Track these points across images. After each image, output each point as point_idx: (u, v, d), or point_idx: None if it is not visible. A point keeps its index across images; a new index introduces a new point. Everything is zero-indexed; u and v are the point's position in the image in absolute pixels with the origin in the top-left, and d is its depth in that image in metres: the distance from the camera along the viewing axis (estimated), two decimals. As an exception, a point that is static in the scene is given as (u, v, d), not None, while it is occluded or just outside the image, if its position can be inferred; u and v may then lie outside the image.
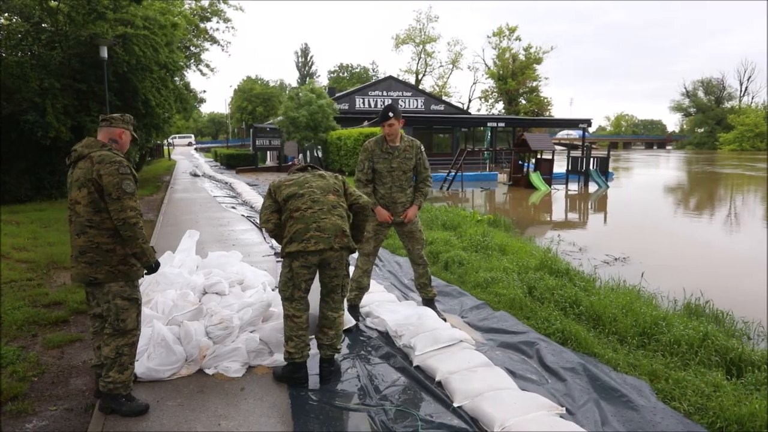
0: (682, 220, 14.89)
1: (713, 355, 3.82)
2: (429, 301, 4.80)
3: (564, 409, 3.11)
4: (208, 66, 24.31)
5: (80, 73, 14.63)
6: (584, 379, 3.51)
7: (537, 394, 3.21)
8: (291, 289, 3.46)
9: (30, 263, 6.56)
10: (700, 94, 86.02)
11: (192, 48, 23.72)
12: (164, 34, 16.00)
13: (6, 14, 14.61)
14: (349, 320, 4.32)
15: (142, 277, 3.35)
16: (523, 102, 58.28)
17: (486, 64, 61.25)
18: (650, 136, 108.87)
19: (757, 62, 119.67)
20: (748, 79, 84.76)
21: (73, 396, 3.37)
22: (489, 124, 30.81)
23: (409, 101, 34.99)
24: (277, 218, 3.56)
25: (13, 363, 3.71)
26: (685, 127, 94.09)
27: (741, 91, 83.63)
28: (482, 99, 62.59)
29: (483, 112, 59.80)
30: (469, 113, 46.67)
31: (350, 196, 3.72)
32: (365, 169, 4.59)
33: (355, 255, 4.38)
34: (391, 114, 4.43)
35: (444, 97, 50.37)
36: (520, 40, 58.68)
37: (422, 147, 4.73)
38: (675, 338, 4.05)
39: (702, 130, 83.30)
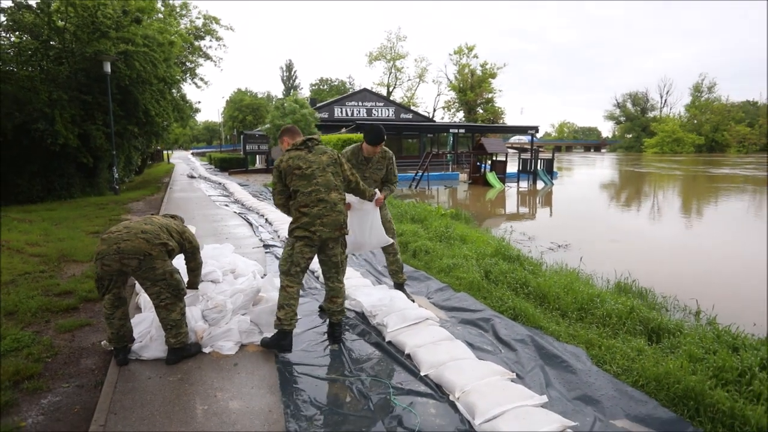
0: (614, 212, 15.22)
1: (638, 325, 3.92)
2: (399, 286, 4.80)
3: (514, 374, 3.17)
4: (202, 79, 23.86)
5: (86, 85, 14.23)
6: (532, 348, 3.57)
7: (492, 363, 3.26)
8: (289, 264, 3.51)
9: (42, 257, 6.35)
10: (629, 105, 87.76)
11: (188, 63, 23.21)
12: (162, 51, 15.63)
13: (17, 33, 14.10)
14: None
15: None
16: (481, 111, 58.52)
17: (448, 78, 61.39)
18: (588, 141, 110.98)
19: (674, 79, 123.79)
20: (666, 93, 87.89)
21: (83, 374, 3.30)
22: (451, 131, 30.91)
23: (381, 110, 34.88)
24: (287, 202, 3.62)
25: (29, 346, 3.61)
26: (616, 133, 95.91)
27: (661, 102, 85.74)
28: (445, 108, 62.72)
29: (446, 120, 59.94)
30: (434, 121, 46.74)
31: (350, 183, 3.77)
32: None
33: None
34: (384, 137, 4.26)
35: (412, 107, 50.24)
36: (477, 57, 59.07)
37: (393, 157, 4.56)
38: (607, 312, 4.14)
39: (630, 135, 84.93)
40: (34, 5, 13.19)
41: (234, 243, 6.72)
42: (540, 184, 22.32)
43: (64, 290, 4.98)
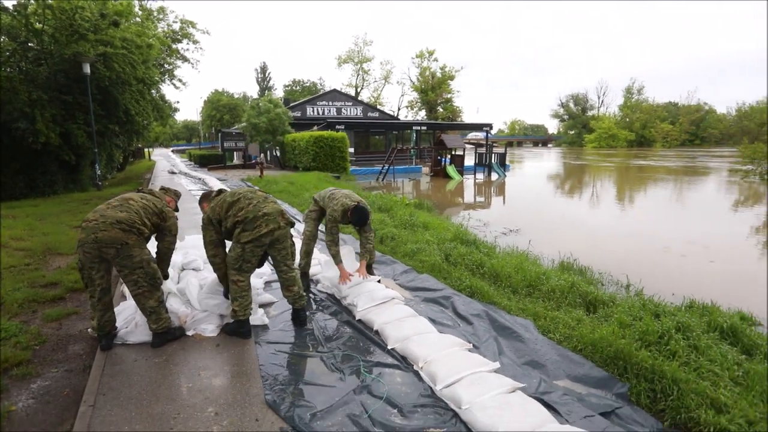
0: (559, 200, 15.65)
1: (578, 298, 4.06)
2: (368, 266, 4.83)
3: (471, 345, 3.26)
4: (180, 80, 22.90)
5: (66, 86, 13.50)
6: (486, 322, 3.66)
7: (451, 336, 3.33)
8: (241, 262, 3.39)
9: (27, 251, 6.06)
10: (571, 105, 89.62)
11: (166, 65, 22.29)
12: (141, 53, 14.94)
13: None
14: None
15: None
16: (441, 110, 58.59)
17: (411, 80, 61.08)
18: (536, 137, 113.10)
19: (609, 82, 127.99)
20: (603, 94, 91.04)
21: (72, 359, 3.20)
22: (414, 128, 30.95)
23: (350, 110, 34.57)
24: (222, 253, 3.54)
25: (16, 335, 3.46)
26: (561, 129, 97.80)
27: (599, 103, 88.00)
28: (409, 107, 62.44)
29: (409, 118, 59.73)
30: (399, 119, 46.52)
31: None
32: (336, 235, 4.32)
33: (300, 227, 4.35)
34: (367, 218, 4.31)
35: (378, 106, 49.84)
36: (437, 60, 59.15)
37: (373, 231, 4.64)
38: (552, 288, 4.26)
39: (573, 132, 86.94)
40: (11, 7, 12.41)
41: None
42: (494, 176, 22.67)
43: (50, 281, 4.78)
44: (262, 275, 4.64)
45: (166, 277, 3.67)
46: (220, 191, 3.67)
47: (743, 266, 6.83)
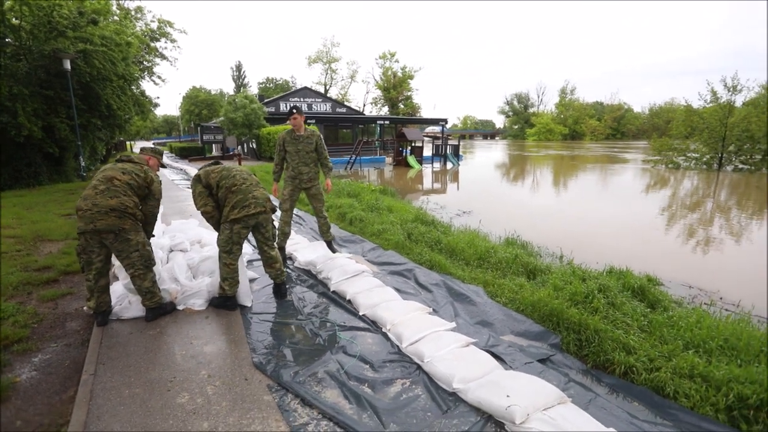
0: (505, 186, 16.09)
1: (520, 267, 4.26)
2: (329, 243, 4.91)
3: (431, 309, 3.38)
4: (159, 77, 21.76)
5: (47, 81, 12.54)
6: (444, 289, 3.79)
7: (414, 302, 3.44)
8: (230, 245, 3.35)
9: (17, 238, 5.71)
10: (515, 102, 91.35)
11: (145, 63, 21.07)
12: (120, 50, 14.01)
13: (-31, 29, 12.07)
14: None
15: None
16: (402, 106, 58.33)
17: (375, 79, 60.33)
18: (485, 131, 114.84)
19: (547, 83, 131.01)
20: (542, 94, 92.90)
21: (70, 335, 3.10)
22: (378, 122, 30.74)
23: (319, 106, 33.94)
24: (213, 202, 3.41)
25: (14, 315, 3.31)
26: (506, 124, 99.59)
27: (538, 101, 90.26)
28: (373, 104, 61.74)
29: (374, 113, 59.27)
30: (364, 114, 46.08)
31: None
32: (279, 152, 4.58)
33: (278, 214, 4.42)
34: (294, 111, 4.43)
35: (345, 103, 49.06)
36: (398, 61, 58.77)
37: (321, 137, 4.65)
38: (499, 259, 4.44)
39: (516, 126, 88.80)
40: (-14, 3, 11.34)
41: (198, 218, 6.41)
42: (449, 165, 22.95)
43: (42, 266, 4.55)
44: (245, 254, 4.61)
45: (149, 235, 3.43)
46: (213, 163, 3.59)
47: (652, 238, 7.32)
